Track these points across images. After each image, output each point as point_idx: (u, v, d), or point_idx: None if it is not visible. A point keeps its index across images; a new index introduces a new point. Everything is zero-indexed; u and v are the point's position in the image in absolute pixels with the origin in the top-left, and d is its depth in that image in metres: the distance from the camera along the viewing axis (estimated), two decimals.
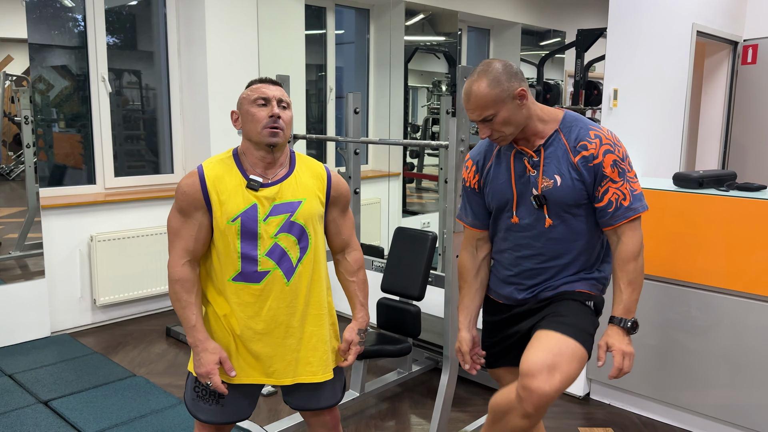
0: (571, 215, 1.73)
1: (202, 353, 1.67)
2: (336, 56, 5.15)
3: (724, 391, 2.64)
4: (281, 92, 1.69)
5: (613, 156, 1.68)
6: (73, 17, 4.02)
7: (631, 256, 1.69)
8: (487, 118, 1.66)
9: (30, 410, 2.83)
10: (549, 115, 1.73)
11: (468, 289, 1.92)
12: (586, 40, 4.13)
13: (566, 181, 1.69)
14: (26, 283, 3.67)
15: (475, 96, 1.65)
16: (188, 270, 1.68)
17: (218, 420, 1.77)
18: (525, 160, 1.74)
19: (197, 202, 1.66)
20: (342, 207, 1.83)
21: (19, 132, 3.69)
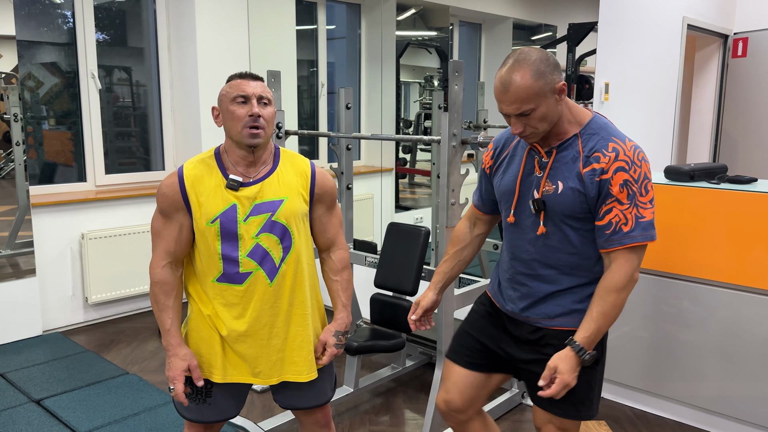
0: (569, 226, 1.60)
1: (172, 358, 1.67)
2: (327, 52, 5.13)
3: (716, 383, 2.66)
4: (262, 88, 1.63)
5: (624, 175, 1.52)
6: (62, 14, 3.98)
7: (615, 287, 1.55)
8: (525, 113, 1.51)
9: (22, 409, 2.81)
10: (576, 117, 1.60)
11: (452, 256, 1.88)
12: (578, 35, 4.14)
13: (567, 190, 1.57)
14: (17, 281, 3.65)
15: (516, 87, 1.49)
16: (168, 272, 1.68)
17: (205, 419, 1.76)
18: (536, 159, 1.64)
19: (177, 203, 1.64)
20: (327, 204, 1.78)
21: (9, 130, 3.66)
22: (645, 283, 2.81)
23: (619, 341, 2.91)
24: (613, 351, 2.94)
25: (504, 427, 2.73)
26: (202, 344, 1.72)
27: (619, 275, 1.55)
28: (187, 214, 1.65)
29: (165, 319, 1.68)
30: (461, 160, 2.50)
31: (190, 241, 1.68)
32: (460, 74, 2.45)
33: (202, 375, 1.71)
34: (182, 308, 1.76)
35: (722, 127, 4.52)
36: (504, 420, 2.78)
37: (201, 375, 1.70)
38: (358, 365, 2.86)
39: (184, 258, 1.71)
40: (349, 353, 2.79)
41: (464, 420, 1.86)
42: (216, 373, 1.71)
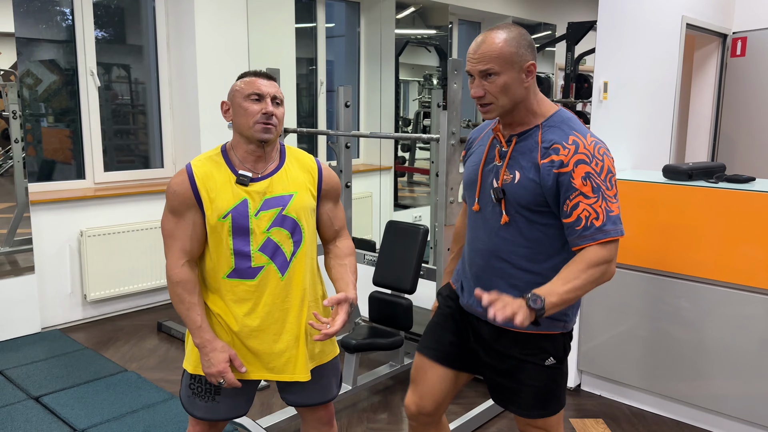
0: (524, 218, 1.56)
1: (211, 353, 1.64)
2: (326, 50, 5.13)
3: (714, 382, 2.67)
4: (276, 88, 1.66)
5: (586, 168, 1.47)
6: (60, 11, 3.98)
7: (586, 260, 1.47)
8: (488, 73, 1.49)
9: (21, 406, 2.81)
10: (541, 108, 1.58)
11: (457, 254, 1.89)
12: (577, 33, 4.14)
13: (523, 179, 1.54)
14: (16, 278, 3.65)
15: (486, 45, 1.48)
16: (188, 271, 1.66)
17: (214, 417, 1.76)
18: (497, 148, 1.62)
19: (188, 200, 1.64)
20: (334, 199, 1.81)
21: (7, 127, 3.65)
22: (643, 282, 2.82)
23: (616, 340, 2.92)
24: (610, 350, 2.95)
25: (502, 425, 2.73)
26: None
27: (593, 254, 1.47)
28: (199, 211, 1.65)
29: (194, 317, 1.66)
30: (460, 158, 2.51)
31: (204, 238, 1.67)
32: (459, 73, 2.46)
33: None
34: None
35: (721, 127, 4.53)
36: (502, 418, 2.79)
37: (242, 362, 1.69)
38: (357, 363, 2.87)
39: (198, 256, 1.70)
40: (348, 351, 2.79)
41: (430, 423, 1.84)
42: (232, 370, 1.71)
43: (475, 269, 1.68)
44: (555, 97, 4.34)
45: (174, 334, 3.76)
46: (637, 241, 2.81)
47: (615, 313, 2.91)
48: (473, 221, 1.69)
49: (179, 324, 3.85)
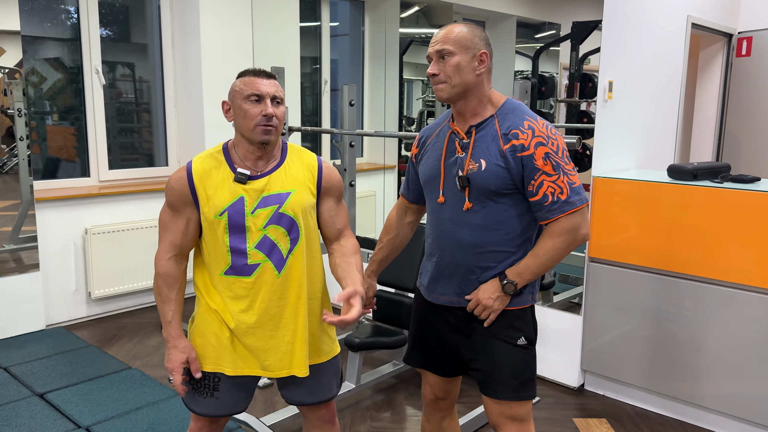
0: (493, 202, 1.67)
1: (172, 350, 1.70)
2: (331, 49, 5.13)
3: (717, 382, 2.66)
4: (276, 87, 1.65)
5: (545, 149, 1.61)
6: (65, 9, 3.99)
7: (549, 233, 1.65)
8: (444, 53, 1.64)
9: (25, 403, 2.83)
10: (493, 100, 1.71)
11: (386, 244, 1.96)
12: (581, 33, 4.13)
13: (491, 166, 1.64)
14: (21, 276, 3.66)
15: (446, 31, 1.66)
16: (173, 265, 1.70)
17: (213, 412, 1.76)
18: (456, 141, 1.72)
19: (185, 197, 1.66)
20: (335, 197, 1.81)
21: (12, 125, 3.67)
22: (647, 282, 2.81)
23: (620, 339, 2.92)
24: (614, 349, 2.94)
25: None
26: (211, 338, 1.72)
27: (558, 225, 1.64)
28: (195, 208, 1.68)
29: (167, 311, 1.71)
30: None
31: (197, 235, 1.70)
32: None
33: (212, 369, 1.72)
34: (185, 303, 1.76)
35: (726, 126, 4.51)
36: None
37: (199, 367, 1.72)
38: (360, 361, 2.87)
39: (189, 252, 1.73)
40: (351, 350, 2.80)
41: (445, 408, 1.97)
42: (226, 366, 1.72)
43: (448, 259, 1.75)
44: (559, 96, 4.34)
45: None
46: (641, 241, 2.81)
47: (618, 312, 2.91)
48: (438, 214, 1.76)
49: (183, 322, 3.85)
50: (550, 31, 4.49)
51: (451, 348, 1.83)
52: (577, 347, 3.07)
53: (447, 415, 1.98)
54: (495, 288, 1.68)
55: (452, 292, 1.76)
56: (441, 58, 1.65)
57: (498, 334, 1.73)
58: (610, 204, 2.90)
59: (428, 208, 1.81)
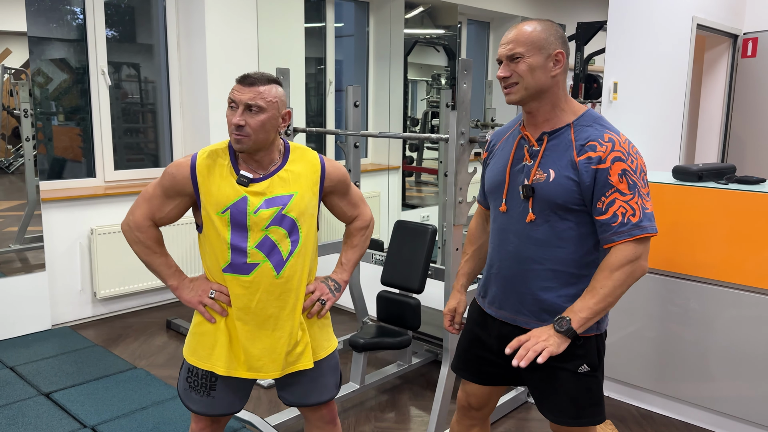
0: (558, 217, 1.56)
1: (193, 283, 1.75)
2: (335, 49, 5.14)
3: (722, 384, 2.66)
4: (255, 94, 1.59)
5: (622, 165, 1.49)
6: (71, 10, 4.00)
7: (608, 267, 1.50)
8: (515, 56, 1.53)
9: (32, 402, 2.84)
10: (570, 107, 1.59)
11: (472, 255, 1.87)
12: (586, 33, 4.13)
13: (560, 178, 1.53)
14: (27, 276, 3.68)
15: (516, 31, 1.55)
16: (154, 229, 1.74)
17: (209, 411, 1.77)
18: (525, 147, 1.61)
19: (183, 189, 1.67)
20: (341, 192, 1.82)
21: (18, 125, 3.68)
22: (651, 283, 2.81)
23: (625, 341, 2.92)
24: (619, 350, 2.94)
25: (509, 425, 2.73)
26: (208, 337, 1.73)
27: (615, 257, 1.50)
28: (188, 200, 1.69)
29: (170, 262, 1.76)
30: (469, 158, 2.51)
31: (174, 220, 1.73)
32: (469, 72, 2.46)
33: (206, 367, 1.73)
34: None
35: (731, 128, 4.50)
36: (510, 418, 2.79)
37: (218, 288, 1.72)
38: (365, 362, 2.87)
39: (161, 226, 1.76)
40: (356, 350, 2.80)
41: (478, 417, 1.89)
42: (220, 366, 1.71)
43: (505, 272, 1.67)
44: None
45: (183, 332, 3.78)
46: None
47: (623, 314, 2.90)
48: (500, 224, 1.68)
49: (188, 322, 3.86)
50: None
51: (500, 362, 1.73)
52: None
53: (478, 424, 1.90)
54: (550, 329, 1.53)
55: (509, 308, 1.67)
56: (512, 61, 1.55)
57: (559, 362, 1.59)
58: None
59: (491, 215, 1.74)
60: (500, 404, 2.78)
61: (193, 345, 1.75)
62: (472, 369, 1.81)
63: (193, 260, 4.34)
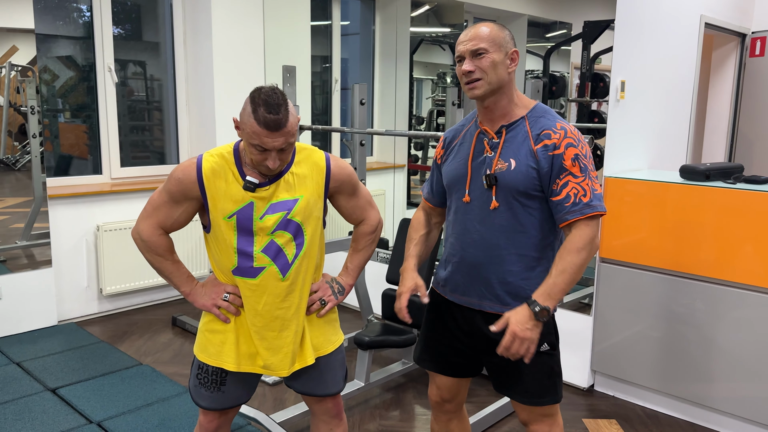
0: (519, 204, 1.66)
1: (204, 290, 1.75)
2: (341, 47, 5.14)
3: (728, 384, 2.65)
4: (283, 138, 1.55)
5: (575, 150, 1.62)
6: (78, 8, 4.01)
7: (574, 248, 1.59)
8: (479, 52, 1.63)
9: (38, 398, 2.85)
10: (522, 102, 1.71)
11: (419, 240, 1.89)
12: (593, 32, 4.11)
13: (520, 166, 1.64)
14: (33, 272, 3.69)
15: (476, 29, 1.65)
16: (165, 238, 1.73)
17: (218, 406, 1.80)
18: (485, 141, 1.71)
19: (191, 193, 1.66)
20: (348, 192, 1.81)
21: (25, 122, 3.69)
22: (657, 283, 2.80)
23: (630, 340, 2.91)
24: (624, 350, 2.93)
25: (514, 424, 2.73)
26: (217, 335, 1.74)
27: (579, 238, 1.60)
28: (196, 203, 1.68)
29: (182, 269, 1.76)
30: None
31: (183, 225, 1.72)
32: None
33: (216, 363, 1.74)
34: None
35: (738, 127, 4.48)
36: (513, 417, 2.79)
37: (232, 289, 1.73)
38: (369, 360, 2.87)
39: None
40: (361, 348, 2.80)
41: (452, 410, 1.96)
42: (230, 363, 1.73)
43: (470, 259, 1.73)
44: (570, 96, 4.32)
45: (188, 328, 3.79)
46: (653, 241, 2.79)
47: (629, 313, 2.89)
48: (463, 213, 1.75)
49: (193, 318, 3.87)
50: (561, 31, 4.47)
51: (465, 349, 1.82)
52: (587, 348, 3.06)
53: (454, 417, 1.98)
54: (527, 317, 1.59)
55: (474, 294, 1.75)
56: (475, 56, 1.64)
57: None
58: (621, 204, 2.89)
59: (452, 209, 1.80)
60: (503, 405, 2.77)
61: (203, 343, 1.77)
62: (438, 360, 1.88)
63: (199, 257, 4.35)
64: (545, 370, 1.73)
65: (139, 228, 1.71)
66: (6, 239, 3.65)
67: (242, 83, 4.39)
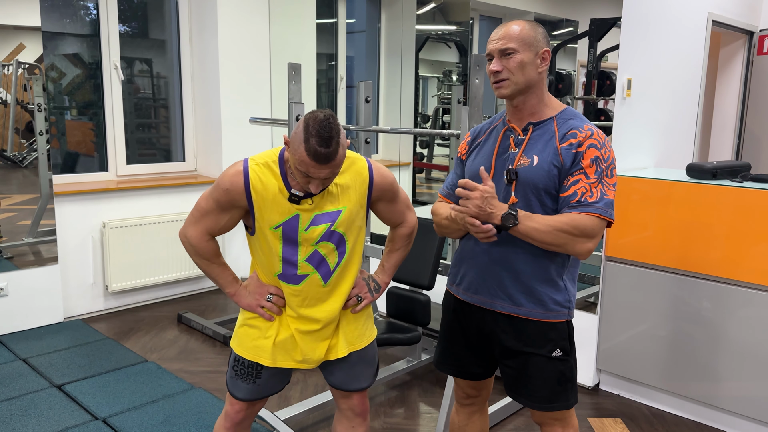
0: (538, 201, 1.64)
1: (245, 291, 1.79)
2: (347, 45, 5.13)
3: (735, 383, 2.63)
4: (330, 170, 1.55)
5: (596, 152, 1.60)
6: (84, 5, 4.03)
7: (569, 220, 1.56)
8: (507, 52, 1.62)
9: (44, 394, 2.86)
10: (552, 103, 1.70)
11: None
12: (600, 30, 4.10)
13: (543, 163, 1.63)
14: (39, 269, 3.71)
15: (509, 27, 1.64)
16: (213, 243, 1.77)
17: (253, 397, 1.83)
18: (512, 137, 1.70)
19: (238, 203, 1.68)
20: (389, 198, 1.82)
21: (32, 120, 3.71)
22: (664, 282, 2.79)
23: (636, 339, 2.90)
24: (630, 349, 2.92)
25: (519, 422, 2.73)
26: (257, 331, 1.78)
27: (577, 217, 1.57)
28: (243, 211, 1.70)
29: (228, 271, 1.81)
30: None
31: (231, 228, 1.75)
32: (482, 68, 2.45)
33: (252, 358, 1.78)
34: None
35: (746, 125, 4.45)
36: (520, 415, 2.78)
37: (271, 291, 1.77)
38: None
39: None
40: None
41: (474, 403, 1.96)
42: (265, 358, 1.77)
43: (485, 257, 1.72)
44: (576, 94, 4.31)
45: (194, 325, 3.80)
46: (659, 240, 2.78)
47: (635, 312, 2.88)
48: None
49: (199, 316, 3.88)
50: (568, 28, 4.46)
51: (480, 353, 1.82)
52: (592, 347, 3.05)
53: (477, 411, 1.99)
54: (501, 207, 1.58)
55: (486, 292, 1.74)
56: (504, 56, 1.63)
57: (532, 344, 1.70)
58: (627, 203, 2.88)
59: None
60: (509, 402, 2.77)
61: (241, 336, 1.81)
62: (456, 364, 1.88)
63: None
64: (556, 375, 1.71)
65: (187, 232, 1.74)
66: (13, 236, 3.66)
67: (248, 80, 4.40)
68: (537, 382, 1.71)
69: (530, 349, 1.70)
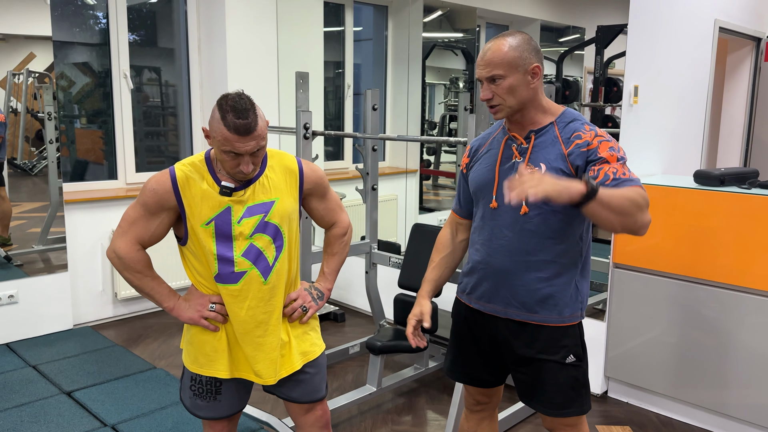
0: (549, 209, 1.62)
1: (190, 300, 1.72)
2: (354, 53, 5.16)
3: (744, 391, 2.62)
4: (255, 142, 1.56)
5: (608, 144, 1.59)
6: (94, 15, 4.07)
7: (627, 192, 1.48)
8: (494, 78, 1.60)
9: (53, 400, 2.88)
10: (550, 108, 1.69)
11: (438, 263, 1.89)
12: (606, 37, 4.10)
13: (551, 170, 1.60)
14: (49, 276, 3.73)
15: (491, 52, 1.60)
16: (143, 253, 1.71)
17: (217, 415, 1.79)
18: (514, 146, 1.69)
19: (167, 203, 1.65)
20: (320, 194, 1.83)
21: (42, 128, 3.75)
22: (672, 289, 2.78)
23: (645, 346, 2.89)
24: (639, 356, 2.91)
25: (528, 430, 2.72)
26: (207, 343, 1.74)
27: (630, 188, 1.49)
28: (172, 214, 1.67)
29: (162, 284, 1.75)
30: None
31: (161, 237, 1.70)
32: None
33: (208, 373, 1.74)
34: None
35: (754, 131, 4.44)
36: (527, 423, 2.77)
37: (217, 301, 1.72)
38: (381, 365, 2.87)
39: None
40: (373, 353, 2.80)
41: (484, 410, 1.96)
42: (222, 370, 1.73)
43: (497, 266, 1.70)
44: (583, 100, 4.31)
45: None
46: (667, 247, 2.78)
47: (643, 319, 2.87)
48: (491, 219, 1.72)
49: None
50: (575, 35, 4.46)
51: (491, 360, 1.82)
52: (600, 354, 3.04)
53: (486, 418, 1.98)
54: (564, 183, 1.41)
55: (500, 301, 1.72)
56: (492, 82, 1.62)
57: (545, 351, 1.70)
58: None
59: (478, 215, 1.77)
60: (518, 410, 2.76)
61: (193, 354, 1.76)
62: (466, 372, 1.87)
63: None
64: (570, 381, 1.70)
65: (115, 246, 1.68)
66: (23, 243, 3.69)
67: (256, 89, 4.42)
68: (551, 389, 1.70)
69: (544, 356, 1.69)
